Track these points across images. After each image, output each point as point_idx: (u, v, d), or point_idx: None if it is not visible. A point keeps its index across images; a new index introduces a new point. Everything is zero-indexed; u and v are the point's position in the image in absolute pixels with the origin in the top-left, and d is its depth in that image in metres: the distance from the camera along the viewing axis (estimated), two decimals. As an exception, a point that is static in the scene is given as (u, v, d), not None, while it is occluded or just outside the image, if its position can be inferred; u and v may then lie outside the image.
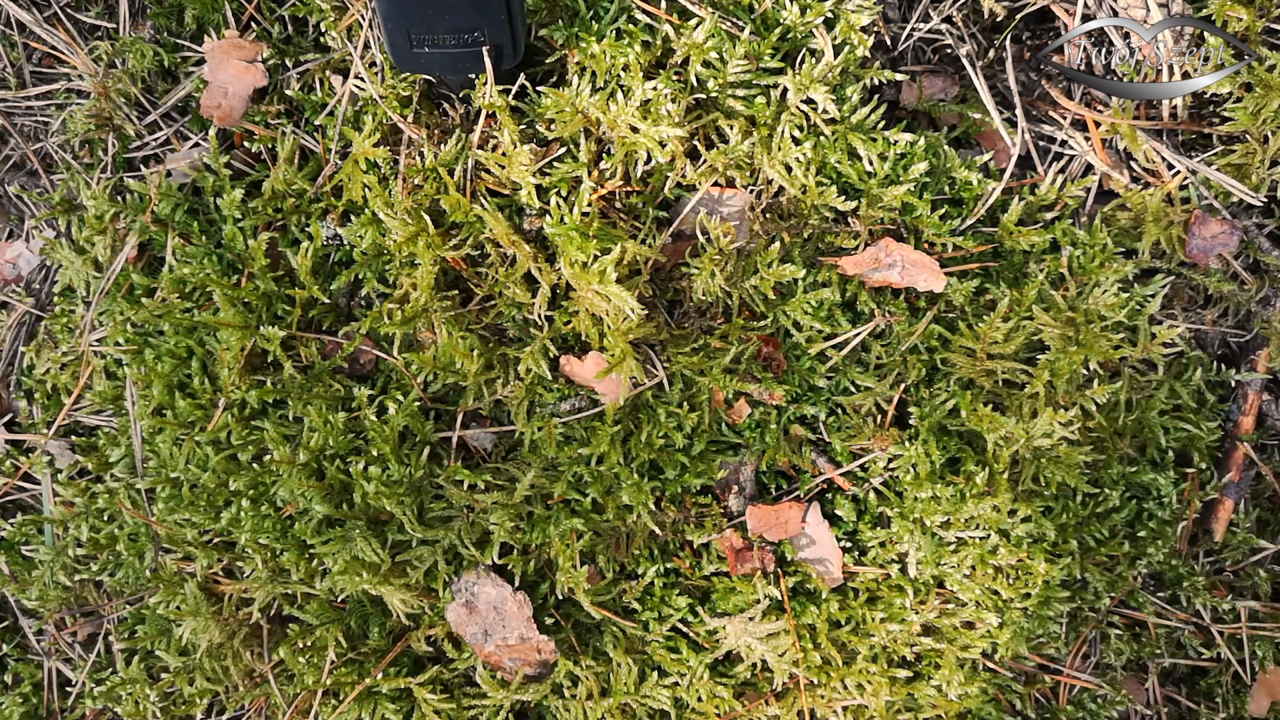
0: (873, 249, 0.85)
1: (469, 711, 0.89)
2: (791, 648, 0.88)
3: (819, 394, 0.88)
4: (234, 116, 0.88)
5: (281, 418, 0.86)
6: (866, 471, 0.90)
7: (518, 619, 0.85)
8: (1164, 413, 0.95)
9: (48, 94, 0.96)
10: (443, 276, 0.84)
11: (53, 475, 0.95)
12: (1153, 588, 1.01)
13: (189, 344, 0.87)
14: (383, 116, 0.85)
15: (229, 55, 0.87)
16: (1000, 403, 0.90)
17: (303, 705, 0.89)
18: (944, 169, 0.86)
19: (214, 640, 0.89)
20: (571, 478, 0.85)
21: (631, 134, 0.80)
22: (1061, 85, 0.92)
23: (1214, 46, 0.84)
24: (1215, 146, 0.91)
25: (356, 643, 0.89)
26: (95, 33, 0.94)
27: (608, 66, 0.80)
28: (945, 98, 0.90)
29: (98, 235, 0.90)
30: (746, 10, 0.82)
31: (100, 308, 0.91)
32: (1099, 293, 0.88)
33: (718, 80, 0.80)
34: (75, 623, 0.99)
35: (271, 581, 0.88)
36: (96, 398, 0.91)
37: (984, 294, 0.90)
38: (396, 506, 0.82)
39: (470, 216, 0.81)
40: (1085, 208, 0.92)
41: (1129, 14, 0.86)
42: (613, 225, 0.82)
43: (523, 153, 0.79)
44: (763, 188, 0.85)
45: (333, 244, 0.88)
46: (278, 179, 0.86)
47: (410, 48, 0.74)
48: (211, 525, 0.86)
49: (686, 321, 0.87)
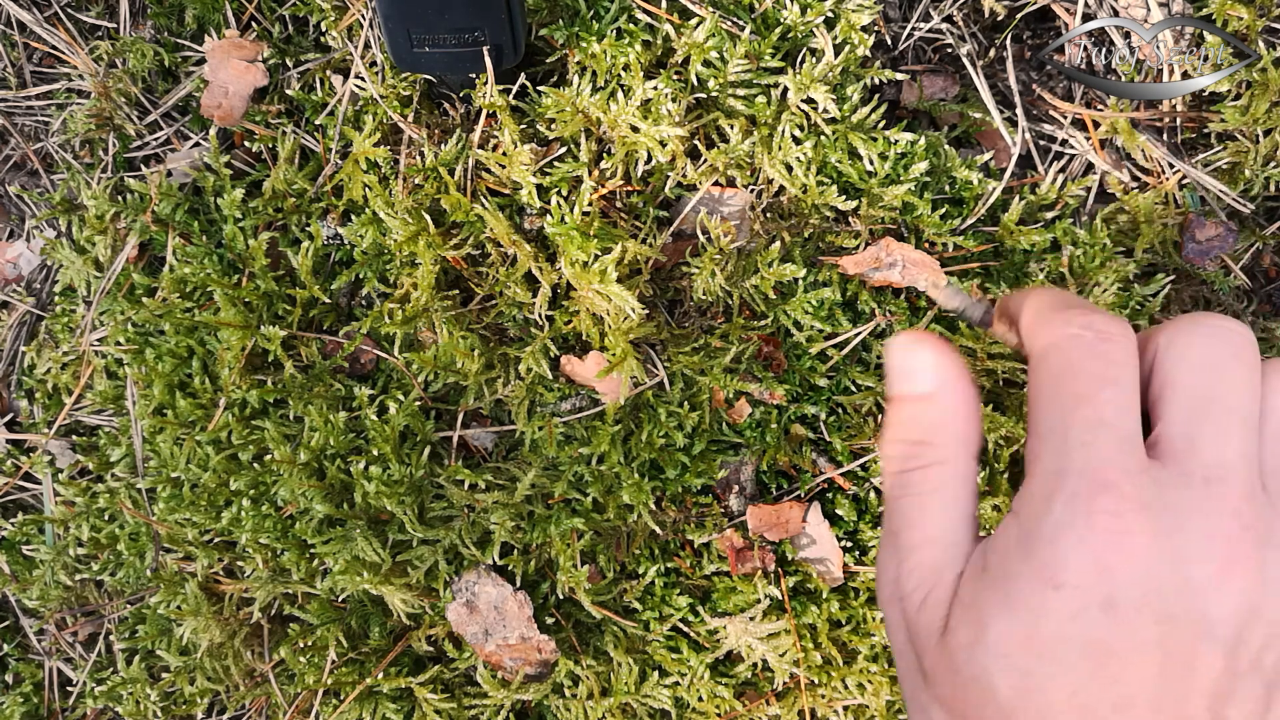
0: (873, 248, 0.85)
1: (470, 711, 0.89)
2: (792, 647, 0.88)
3: (820, 393, 0.88)
4: (234, 116, 0.88)
5: (282, 417, 0.86)
6: (867, 471, 0.90)
7: (518, 619, 0.85)
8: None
9: (48, 94, 0.96)
10: (443, 276, 0.84)
11: (53, 475, 0.95)
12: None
13: (190, 344, 0.87)
14: (383, 116, 0.85)
15: (229, 55, 0.87)
16: (1000, 402, 0.90)
17: (303, 705, 0.89)
18: (944, 168, 0.86)
19: (215, 640, 0.89)
20: (572, 477, 0.85)
21: (632, 133, 0.80)
22: (1062, 85, 0.92)
23: (1213, 46, 0.84)
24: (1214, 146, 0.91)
25: (357, 642, 0.89)
26: (95, 32, 0.94)
27: (608, 66, 0.80)
28: (946, 97, 0.90)
29: (98, 235, 0.90)
30: (747, 10, 0.82)
31: (101, 307, 0.91)
32: (1099, 292, 0.88)
33: (718, 80, 0.80)
34: (76, 622, 0.99)
35: (272, 581, 0.88)
36: (97, 397, 0.91)
37: (984, 293, 0.90)
38: (397, 506, 0.82)
39: (471, 216, 0.81)
40: (1086, 207, 0.92)
41: (1129, 14, 0.86)
42: (613, 225, 0.82)
43: (523, 152, 0.79)
44: (763, 187, 0.85)
45: (333, 244, 0.88)
46: (278, 179, 0.86)
47: (410, 47, 0.74)
48: (212, 525, 0.86)
49: (687, 321, 0.87)
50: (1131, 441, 0.50)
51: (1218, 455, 0.50)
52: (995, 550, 0.50)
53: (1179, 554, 0.47)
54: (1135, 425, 0.51)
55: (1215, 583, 0.47)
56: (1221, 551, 0.47)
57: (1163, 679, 0.46)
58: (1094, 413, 0.50)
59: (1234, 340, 0.53)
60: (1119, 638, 0.46)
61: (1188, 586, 0.47)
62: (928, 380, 0.55)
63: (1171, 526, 0.48)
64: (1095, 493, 0.48)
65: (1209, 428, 0.50)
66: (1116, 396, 0.50)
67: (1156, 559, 0.47)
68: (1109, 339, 0.51)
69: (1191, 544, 0.47)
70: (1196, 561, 0.47)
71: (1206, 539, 0.48)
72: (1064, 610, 0.47)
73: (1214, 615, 0.46)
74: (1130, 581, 0.47)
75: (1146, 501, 0.48)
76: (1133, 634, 0.46)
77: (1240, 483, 0.49)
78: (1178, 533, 0.48)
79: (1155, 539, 0.47)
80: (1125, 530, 0.47)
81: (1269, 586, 0.48)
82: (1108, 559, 0.47)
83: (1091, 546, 0.47)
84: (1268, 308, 0.99)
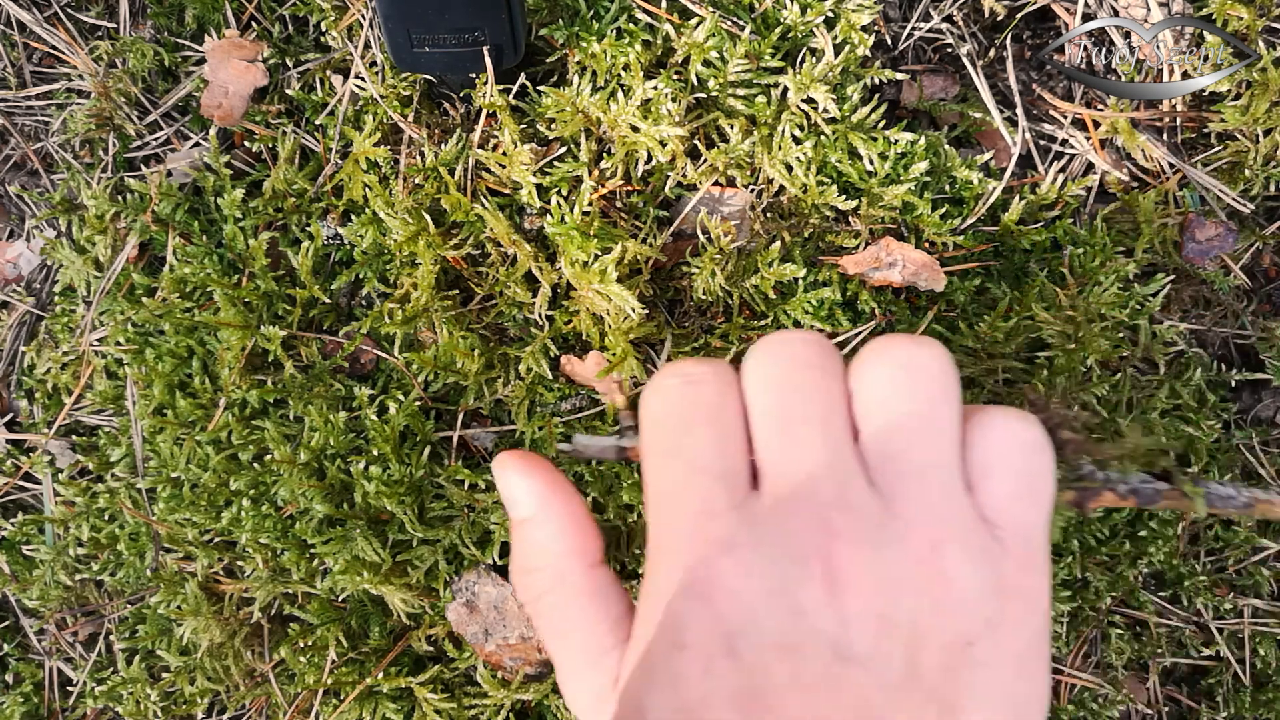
0: (873, 248, 0.85)
1: (470, 711, 0.89)
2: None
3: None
4: (234, 116, 0.88)
5: (282, 417, 0.86)
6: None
7: (518, 618, 0.85)
8: (1165, 413, 0.94)
9: (48, 94, 0.96)
10: (443, 276, 0.84)
11: (53, 475, 0.95)
12: (1153, 587, 1.01)
13: (189, 344, 0.87)
14: (383, 116, 0.85)
15: (229, 55, 0.87)
16: (1000, 402, 0.90)
17: (303, 704, 0.89)
18: (944, 168, 0.86)
19: (215, 640, 0.89)
20: (571, 477, 0.85)
21: (632, 133, 0.80)
22: (1062, 85, 0.92)
23: (1213, 46, 0.84)
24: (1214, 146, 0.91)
25: (357, 642, 0.89)
26: (95, 32, 0.94)
27: (608, 66, 0.80)
28: (946, 97, 0.90)
29: (98, 235, 0.90)
30: (747, 9, 0.82)
31: (101, 307, 0.91)
32: (1099, 292, 0.88)
33: (718, 79, 0.80)
34: (76, 622, 0.99)
35: (272, 581, 0.88)
36: (97, 397, 0.91)
37: (985, 293, 0.90)
38: (397, 506, 0.82)
39: (471, 216, 0.81)
40: (1086, 207, 0.92)
41: (1129, 14, 0.86)
42: (613, 224, 0.82)
43: (523, 152, 0.79)
44: (763, 187, 0.85)
45: (333, 244, 0.88)
46: (278, 179, 0.86)
47: (410, 47, 0.74)
48: (212, 525, 0.86)
49: (687, 321, 0.87)
50: (725, 480, 0.48)
51: (798, 470, 0.47)
52: (637, 620, 0.49)
53: (782, 582, 0.44)
54: (734, 462, 0.48)
55: (825, 601, 0.44)
56: (819, 569, 0.44)
57: (812, 711, 0.43)
58: (683, 463, 0.49)
59: (798, 350, 0.50)
60: (755, 682, 0.43)
61: (800, 612, 0.44)
62: (527, 504, 0.53)
63: (767, 556, 0.45)
64: (691, 544, 0.46)
65: (785, 443, 0.48)
66: (704, 439, 0.49)
67: (761, 594, 0.44)
68: (696, 381, 0.49)
69: (790, 569, 0.45)
70: (800, 585, 0.44)
71: (802, 560, 0.45)
72: (695, 670, 0.44)
73: (836, 635, 0.43)
74: (743, 625, 0.44)
75: (737, 540, 0.45)
76: (766, 675, 0.43)
77: (828, 492, 0.46)
78: (774, 561, 0.45)
79: (752, 574, 0.45)
80: (721, 574, 0.45)
81: (891, 588, 0.44)
82: (716, 608, 0.45)
83: (697, 598, 0.45)
84: (1268, 307, 0.99)
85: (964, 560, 0.45)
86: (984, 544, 0.46)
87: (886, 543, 0.45)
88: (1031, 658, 0.47)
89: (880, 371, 0.49)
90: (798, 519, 0.45)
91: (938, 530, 0.45)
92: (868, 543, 0.45)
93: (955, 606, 0.45)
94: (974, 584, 0.45)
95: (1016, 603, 0.46)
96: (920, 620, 0.44)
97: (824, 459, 0.46)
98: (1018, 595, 0.46)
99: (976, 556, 0.46)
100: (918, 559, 0.45)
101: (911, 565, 0.45)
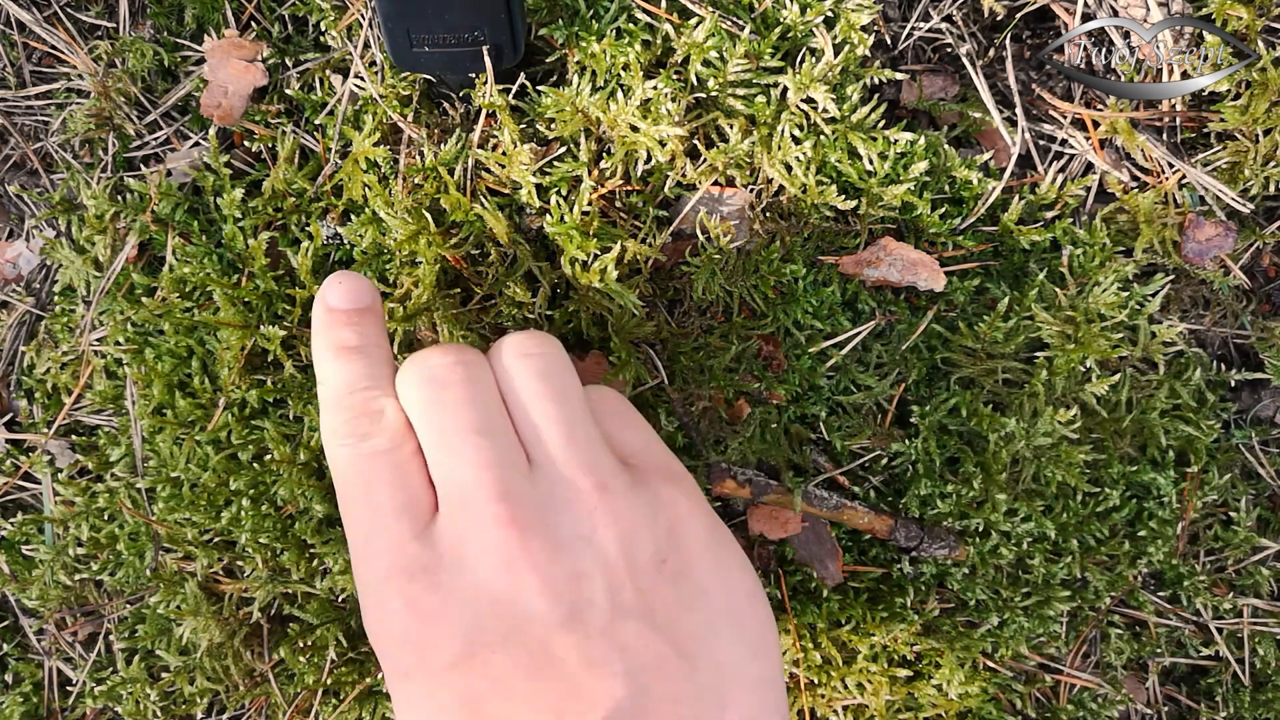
0: (873, 248, 0.85)
1: (469, 711, 0.89)
2: (792, 647, 0.88)
3: (820, 393, 0.88)
4: (234, 116, 0.88)
5: (282, 417, 0.86)
6: (867, 470, 0.90)
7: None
8: (1164, 413, 0.95)
9: (48, 93, 0.95)
10: (443, 275, 0.84)
11: (53, 475, 0.95)
12: (1153, 587, 1.01)
13: (189, 343, 0.87)
14: (383, 116, 0.85)
15: (229, 54, 0.87)
16: (1001, 401, 0.90)
17: (303, 704, 0.89)
18: (944, 168, 0.86)
19: (214, 639, 0.89)
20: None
21: (631, 133, 0.80)
22: (1062, 85, 0.92)
23: (1213, 46, 0.84)
24: (1213, 146, 0.91)
25: (357, 642, 0.89)
26: (95, 32, 0.94)
27: (608, 65, 0.80)
28: (945, 97, 0.90)
29: (98, 235, 0.90)
30: (747, 9, 0.82)
31: (100, 307, 0.91)
32: (1099, 292, 0.88)
33: (718, 79, 0.80)
34: (75, 622, 0.99)
35: (272, 581, 0.88)
36: (97, 397, 0.91)
37: (984, 293, 0.90)
38: (397, 506, 0.82)
39: (470, 215, 0.81)
40: (1085, 207, 0.92)
41: (1129, 14, 0.86)
42: (613, 224, 0.82)
43: (523, 152, 0.79)
44: (763, 187, 0.85)
45: (333, 243, 0.88)
46: (278, 178, 0.86)
47: (410, 47, 0.74)
48: (212, 525, 0.86)
49: (687, 321, 0.87)
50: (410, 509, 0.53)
51: (461, 476, 0.52)
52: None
53: (476, 588, 0.49)
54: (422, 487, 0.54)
55: (518, 585, 0.49)
56: (497, 559, 0.49)
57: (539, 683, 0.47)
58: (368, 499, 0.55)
59: (434, 363, 0.57)
60: (485, 681, 0.48)
61: (501, 604, 0.48)
62: None
63: (455, 567, 0.50)
64: (388, 577, 0.51)
65: (444, 456, 0.53)
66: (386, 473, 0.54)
67: (461, 604, 0.49)
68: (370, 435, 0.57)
69: (479, 570, 0.49)
70: (490, 580, 0.49)
71: (483, 555, 0.49)
72: (423, 690, 0.49)
73: (536, 610, 0.48)
74: (454, 636, 0.48)
75: (423, 565, 0.50)
76: (490, 670, 0.48)
77: (490, 487, 0.50)
78: (466, 570, 0.50)
79: (445, 591, 0.49)
80: (419, 598, 0.50)
81: (569, 550, 0.50)
82: (427, 631, 0.49)
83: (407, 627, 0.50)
84: (1267, 307, 0.99)
85: (626, 493, 0.53)
86: (632, 478, 0.55)
87: (557, 507, 0.51)
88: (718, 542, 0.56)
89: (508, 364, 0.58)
90: (470, 522, 0.51)
91: (595, 477, 0.52)
92: (536, 516, 0.50)
93: (635, 534, 0.52)
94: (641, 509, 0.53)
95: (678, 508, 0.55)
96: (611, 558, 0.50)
97: (480, 459, 0.52)
98: (672, 504, 0.55)
99: (632, 488, 0.54)
100: (589, 510, 0.51)
101: (585, 517, 0.51)
